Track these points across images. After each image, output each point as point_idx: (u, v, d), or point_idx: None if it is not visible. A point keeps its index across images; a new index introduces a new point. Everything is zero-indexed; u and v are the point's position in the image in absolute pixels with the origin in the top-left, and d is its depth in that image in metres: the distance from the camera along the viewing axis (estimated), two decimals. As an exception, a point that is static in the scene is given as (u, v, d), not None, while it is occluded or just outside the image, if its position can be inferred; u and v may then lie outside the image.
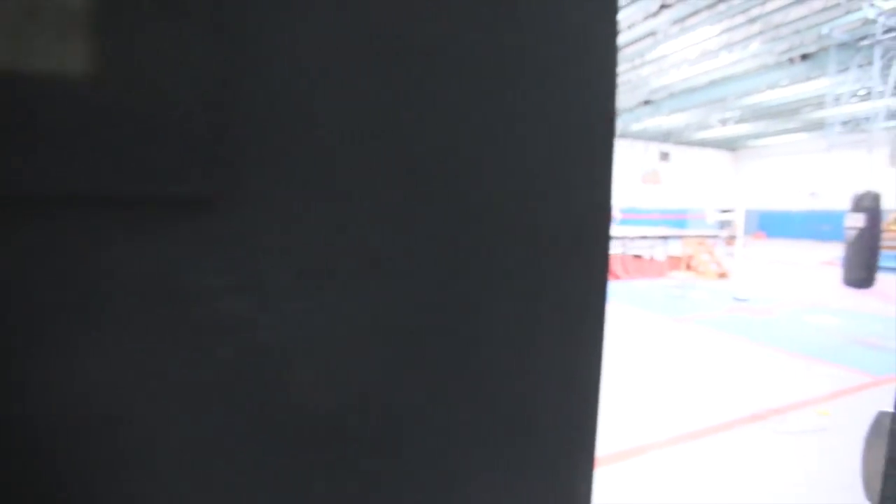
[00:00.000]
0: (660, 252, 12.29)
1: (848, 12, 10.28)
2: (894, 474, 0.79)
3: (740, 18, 10.58)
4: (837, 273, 11.63)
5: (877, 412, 0.89)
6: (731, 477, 2.48)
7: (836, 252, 16.81)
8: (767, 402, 3.42)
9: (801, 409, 3.31)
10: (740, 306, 7.16)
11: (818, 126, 21.30)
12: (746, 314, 6.64)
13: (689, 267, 10.35)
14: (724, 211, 14.38)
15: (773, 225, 26.65)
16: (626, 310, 6.81)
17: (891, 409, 0.81)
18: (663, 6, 10.15)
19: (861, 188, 5.22)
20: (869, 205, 5.06)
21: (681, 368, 4.25)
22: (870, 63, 10.99)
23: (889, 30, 10.40)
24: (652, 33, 11.72)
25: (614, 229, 13.62)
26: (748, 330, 5.65)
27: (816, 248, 20.15)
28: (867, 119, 12.15)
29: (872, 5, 9.91)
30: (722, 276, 10.15)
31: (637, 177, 21.80)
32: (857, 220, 5.13)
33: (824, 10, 10.03)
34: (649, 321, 6.11)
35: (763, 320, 6.24)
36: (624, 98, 17.42)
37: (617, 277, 9.85)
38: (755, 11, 10.31)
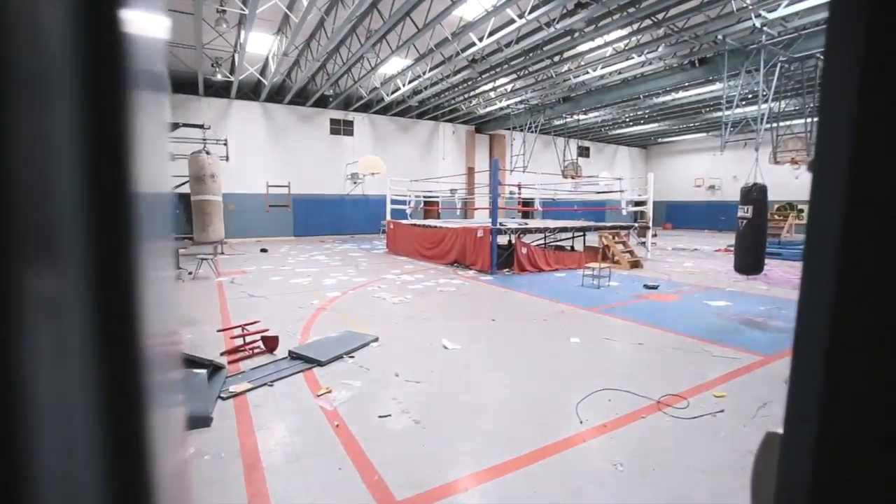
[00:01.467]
0: (579, 243, 12.82)
1: (739, 21, 11.27)
2: (785, 501, 0.65)
3: (647, 22, 11.21)
4: (731, 259, 12.84)
5: (765, 433, 0.75)
6: (640, 469, 2.49)
7: (730, 240, 18.67)
8: (672, 387, 3.55)
9: (700, 392, 3.47)
10: (650, 293, 7.59)
11: (715, 126, 23.45)
12: (655, 300, 7.04)
13: (605, 257, 10.85)
14: (638, 203, 15.35)
15: (678, 216, 29.05)
16: (542, 302, 6.94)
17: (779, 430, 0.66)
18: (579, 5, 10.47)
19: (749, 182, 5.67)
20: (756, 197, 5.51)
21: (588, 360, 4.33)
22: (757, 69, 12.15)
23: (770, 38, 11.55)
24: (570, 32, 12.12)
25: (538, 222, 14.04)
26: (655, 316, 5.95)
27: (714, 236, 22.24)
28: (754, 120, 13.47)
29: (759, 16, 10.95)
30: (635, 264, 10.77)
31: (558, 170, 22.65)
32: (746, 212, 5.57)
33: (719, 17, 10.89)
34: (564, 311, 6.25)
35: (669, 306, 6.64)
36: (545, 93, 17.96)
37: (540, 269, 10.10)
38: (660, 16, 10.97)
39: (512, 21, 10.87)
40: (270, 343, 4.35)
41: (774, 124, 15.52)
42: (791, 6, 10.54)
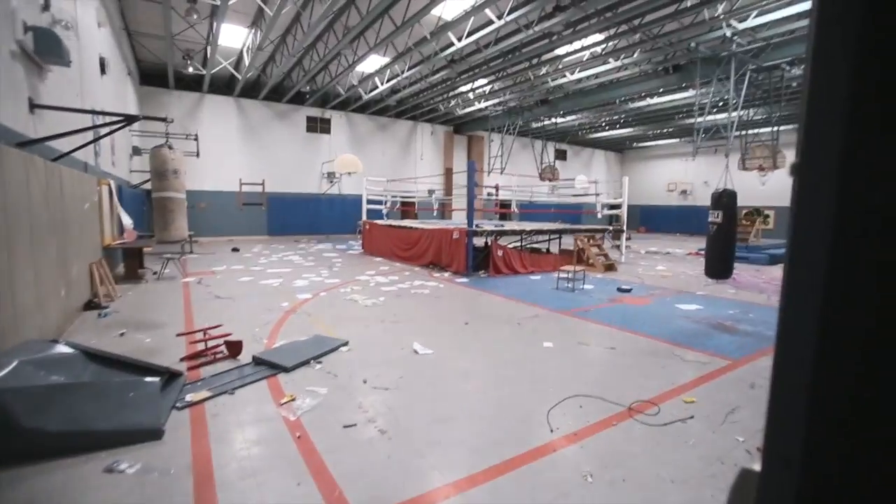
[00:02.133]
0: (555, 246, 12.89)
1: (711, 30, 11.52)
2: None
3: (624, 27, 11.35)
4: (702, 262, 13.12)
5: (740, 469, 0.68)
6: (610, 480, 2.43)
7: (701, 243, 19.15)
8: (643, 392, 3.53)
9: (671, 397, 3.46)
10: (623, 297, 7.64)
11: (688, 132, 24.01)
12: (628, 303, 7.09)
13: (580, 260, 10.93)
14: (612, 207, 15.54)
15: (652, 219, 29.64)
16: (517, 305, 6.90)
17: (755, 467, 0.58)
18: (557, 8, 10.52)
19: (720, 187, 5.75)
20: (726, 202, 5.59)
21: (560, 365, 4.29)
22: (728, 77, 12.46)
23: (740, 47, 11.87)
24: (548, 34, 12.18)
25: (515, 224, 14.06)
26: (628, 320, 5.98)
27: (686, 240, 22.77)
28: (725, 127, 13.82)
29: (729, 25, 11.22)
30: (610, 267, 10.87)
31: (536, 172, 22.82)
32: (717, 217, 5.65)
33: (692, 25, 11.10)
34: (538, 315, 6.22)
35: (642, 309, 6.68)
36: (523, 96, 18.04)
37: (515, 271, 10.09)
38: (636, 22, 11.12)
39: (491, 22, 10.84)
40: (234, 348, 4.16)
41: (743, 132, 15.98)
42: (759, 17, 10.84)
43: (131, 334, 4.82)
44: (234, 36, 13.10)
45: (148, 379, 2.90)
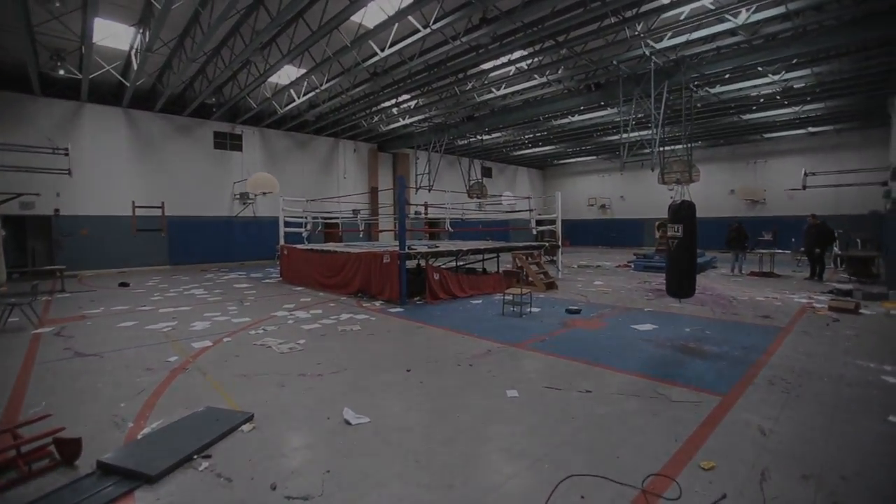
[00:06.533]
0: (490, 264, 12.28)
1: (630, 49, 11.76)
2: None
3: (549, 42, 11.20)
4: (633, 275, 13.22)
5: None
6: None
7: (623, 255, 19.76)
8: (648, 458, 2.76)
9: (684, 464, 2.71)
10: (574, 319, 7.06)
11: (606, 149, 25.07)
12: (582, 327, 6.49)
13: (519, 280, 10.37)
14: (542, 223, 15.39)
15: (575, 233, 30.55)
16: (464, 339, 6.02)
17: None
18: (484, 20, 10.08)
19: (678, 199, 5.34)
20: (686, 214, 5.18)
21: (534, 424, 3.44)
22: (648, 96, 12.81)
23: (657, 66, 12.25)
24: (475, 47, 11.75)
25: (448, 244, 13.31)
26: (589, 350, 5.33)
27: (609, 252, 23.49)
28: (648, 143, 14.25)
29: (647, 45, 11.50)
30: (550, 286, 10.41)
31: (463, 190, 22.47)
32: (677, 230, 5.21)
33: (614, 44, 11.21)
34: (491, 350, 5.38)
35: (599, 335, 6.10)
36: (449, 112, 17.59)
37: (454, 296, 9.24)
38: (561, 38, 11.01)
39: (415, 31, 10.14)
40: (68, 449, 2.80)
41: (661, 148, 16.72)
42: (674, 39, 11.22)
43: None
44: (117, 35, 11.19)
45: None
